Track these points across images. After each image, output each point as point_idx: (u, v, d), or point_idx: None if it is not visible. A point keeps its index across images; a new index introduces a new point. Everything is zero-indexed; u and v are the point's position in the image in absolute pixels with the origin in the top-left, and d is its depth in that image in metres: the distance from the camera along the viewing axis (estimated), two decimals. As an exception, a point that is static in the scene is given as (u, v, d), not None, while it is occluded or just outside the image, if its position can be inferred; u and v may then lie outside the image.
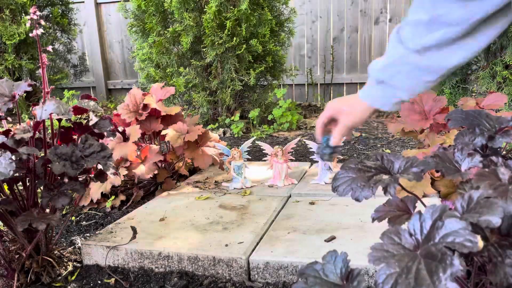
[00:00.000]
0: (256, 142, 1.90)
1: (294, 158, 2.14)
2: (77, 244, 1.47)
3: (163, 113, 1.94)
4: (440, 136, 1.66)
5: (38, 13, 1.18)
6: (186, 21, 3.04)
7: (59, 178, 1.17)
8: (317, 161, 1.78)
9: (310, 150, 1.80)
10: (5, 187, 1.16)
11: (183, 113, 3.14)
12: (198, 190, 1.79)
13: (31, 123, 1.13)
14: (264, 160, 1.89)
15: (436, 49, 0.98)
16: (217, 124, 3.31)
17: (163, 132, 1.87)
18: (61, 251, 1.36)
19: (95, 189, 1.75)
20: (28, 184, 1.19)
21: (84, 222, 1.68)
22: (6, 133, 1.08)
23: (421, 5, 0.99)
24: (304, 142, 1.91)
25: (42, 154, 1.15)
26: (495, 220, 0.53)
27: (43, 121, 1.13)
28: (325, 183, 1.72)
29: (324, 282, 0.60)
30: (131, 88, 2.04)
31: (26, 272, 1.21)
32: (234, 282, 1.16)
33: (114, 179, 1.73)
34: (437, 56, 0.98)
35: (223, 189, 1.78)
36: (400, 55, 1.02)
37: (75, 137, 1.25)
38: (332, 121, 1.19)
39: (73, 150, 1.11)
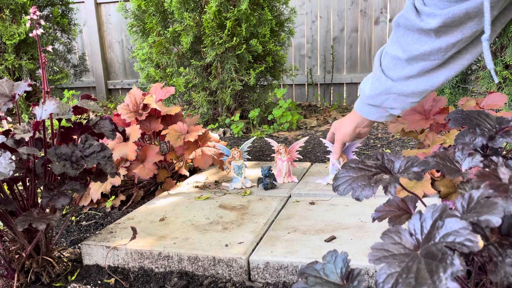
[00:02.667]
0: (266, 138, 1.91)
1: (301, 157, 2.14)
2: (77, 244, 1.47)
3: (163, 113, 1.94)
4: (440, 136, 1.66)
5: (38, 13, 1.18)
6: (186, 21, 3.04)
7: (59, 178, 1.17)
8: (322, 161, 1.78)
9: (310, 150, 1.80)
10: (5, 187, 1.16)
11: (183, 113, 3.14)
12: (198, 190, 1.79)
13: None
14: (266, 160, 1.89)
15: (416, 77, 1.11)
16: (217, 124, 3.31)
17: (163, 132, 1.87)
18: (61, 251, 1.36)
19: (95, 189, 1.75)
20: (28, 184, 1.19)
21: (84, 222, 1.68)
22: (6, 133, 1.08)
23: (398, 43, 1.10)
24: (321, 140, 1.92)
25: (42, 154, 1.15)
26: (496, 219, 0.53)
27: (43, 121, 1.13)
28: (327, 184, 1.72)
29: (325, 282, 0.60)
30: (131, 88, 2.04)
31: (26, 272, 1.21)
32: (234, 282, 1.16)
33: (114, 179, 1.73)
34: (417, 82, 1.11)
35: (223, 189, 1.78)
36: (386, 86, 1.17)
37: (75, 137, 1.25)
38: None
39: (73, 150, 1.11)
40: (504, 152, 1.65)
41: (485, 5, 0.86)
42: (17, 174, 1.14)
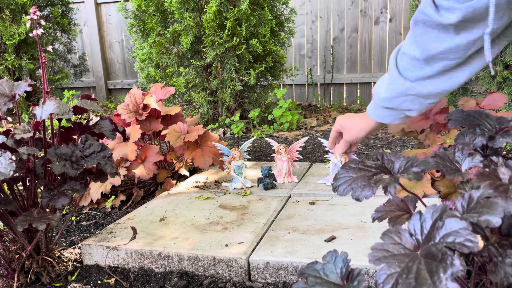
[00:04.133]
0: (266, 138, 1.91)
1: (301, 157, 2.14)
2: (77, 244, 1.47)
3: (163, 113, 1.94)
4: (440, 136, 1.66)
5: (38, 13, 1.18)
6: (186, 21, 3.04)
7: (59, 178, 1.17)
8: (327, 160, 1.78)
9: (310, 150, 1.80)
10: (5, 187, 1.16)
11: (183, 113, 3.14)
12: (198, 190, 1.79)
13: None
14: (266, 160, 1.89)
15: (436, 77, 1.05)
16: (217, 124, 3.31)
17: (163, 132, 1.87)
18: (61, 251, 1.36)
19: (95, 189, 1.75)
20: (28, 184, 1.19)
21: (84, 222, 1.68)
22: (6, 133, 1.08)
23: (416, 43, 1.05)
24: (320, 140, 1.91)
25: (42, 154, 1.15)
26: (495, 220, 0.53)
27: (43, 121, 1.13)
28: (331, 184, 1.71)
29: (325, 282, 0.60)
30: (131, 88, 2.04)
31: (26, 272, 1.21)
32: (234, 282, 1.16)
33: (114, 179, 1.73)
34: (437, 83, 1.06)
35: (223, 189, 1.78)
36: (403, 88, 1.11)
37: (75, 137, 1.25)
38: (340, 134, 1.38)
39: (73, 150, 1.11)
40: (504, 152, 1.65)
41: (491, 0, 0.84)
42: (17, 174, 1.14)
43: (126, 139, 1.79)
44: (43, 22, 1.24)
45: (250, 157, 2.18)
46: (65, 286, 1.21)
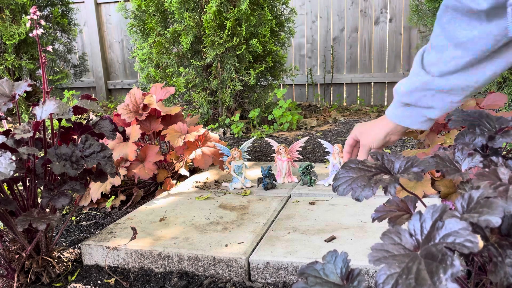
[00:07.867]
0: (266, 138, 1.91)
1: (301, 157, 2.14)
2: (77, 244, 1.47)
3: (163, 113, 1.94)
4: (440, 136, 1.66)
5: (38, 13, 1.18)
6: (186, 21, 3.04)
7: (59, 178, 1.17)
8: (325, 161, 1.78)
9: (310, 150, 1.80)
10: (5, 187, 1.16)
11: (183, 113, 3.14)
12: (198, 190, 1.79)
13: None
14: (266, 160, 1.89)
15: (461, 72, 0.97)
16: (217, 124, 3.31)
17: (163, 132, 1.87)
18: (61, 251, 1.36)
19: (95, 189, 1.75)
20: (28, 184, 1.19)
21: (84, 222, 1.68)
22: (6, 133, 1.08)
23: (444, 31, 0.98)
24: (319, 140, 1.91)
25: (42, 154, 1.15)
26: (495, 220, 0.53)
27: (43, 121, 1.13)
28: (329, 185, 1.72)
29: (325, 282, 0.60)
30: (131, 88, 2.04)
31: (26, 272, 1.21)
32: (234, 282, 1.16)
33: (114, 179, 1.73)
34: (459, 76, 0.97)
35: (223, 189, 1.78)
36: (423, 80, 1.02)
37: (75, 137, 1.25)
38: (357, 144, 1.26)
39: (73, 150, 1.11)
40: (504, 152, 1.65)
41: None
42: (17, 174, 1.14)
43: (126, 139, 1.79)
44: (43, 22, 1.24)
45: (250, 157, 2.18)
46: (65, 286, 1.21)
